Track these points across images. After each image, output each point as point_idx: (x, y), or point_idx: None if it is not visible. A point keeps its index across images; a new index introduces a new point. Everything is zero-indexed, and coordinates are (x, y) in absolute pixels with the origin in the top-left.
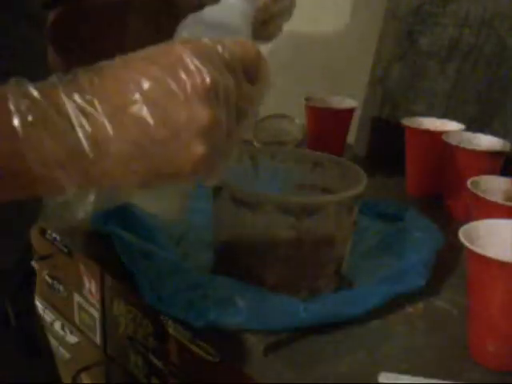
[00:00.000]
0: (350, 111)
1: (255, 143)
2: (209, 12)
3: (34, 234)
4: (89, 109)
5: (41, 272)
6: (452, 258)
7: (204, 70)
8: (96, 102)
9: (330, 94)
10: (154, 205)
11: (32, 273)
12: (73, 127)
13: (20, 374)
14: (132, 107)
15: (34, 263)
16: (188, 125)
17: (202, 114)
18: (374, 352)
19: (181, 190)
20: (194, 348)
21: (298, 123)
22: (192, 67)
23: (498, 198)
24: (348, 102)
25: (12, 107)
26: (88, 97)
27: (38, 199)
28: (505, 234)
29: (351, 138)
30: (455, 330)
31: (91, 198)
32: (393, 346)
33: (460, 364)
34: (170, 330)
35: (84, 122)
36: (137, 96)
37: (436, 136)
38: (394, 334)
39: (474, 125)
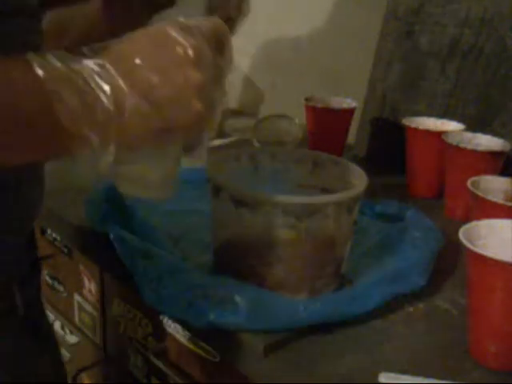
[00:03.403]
0: (350, 111)
1: (255, 143)
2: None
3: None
4: (102, 71)
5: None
6: (452, 258)
7: (190, 42)
8: (107, 66)
9: (330, 94)
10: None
11: (37, 263)
12: (91, 87)
13: (27, 362)
14: (138, 70)
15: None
16: (186, 85)
17: (195, 76)
18: (374, 352)
19: (173, 157)
20: (193, 348)
21: (297, 123)
22: (180, 40)
23: (498, 198)
24: (348, 102)
25: (37, 68)
26: (99, 61)
27: (41, 190)
28: (505, 233)
29: (351, 138)
30: (455, 330)
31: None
32: (393, 346)
33: (460, 364)
34: (170, 330)
35: (101, 82)
36: (139, 62)
37: (436, 136)
38: (394, 334)
39: (474, 125)
